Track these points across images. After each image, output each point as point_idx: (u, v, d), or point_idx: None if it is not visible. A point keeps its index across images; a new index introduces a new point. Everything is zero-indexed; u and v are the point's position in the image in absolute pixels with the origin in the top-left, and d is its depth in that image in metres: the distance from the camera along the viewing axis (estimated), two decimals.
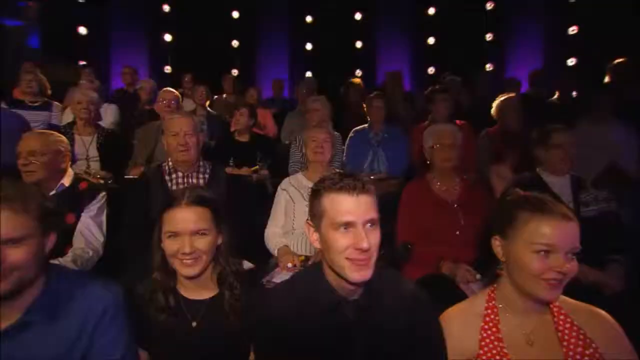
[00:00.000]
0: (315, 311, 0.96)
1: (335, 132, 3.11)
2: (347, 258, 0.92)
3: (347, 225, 0.93)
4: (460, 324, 1.00)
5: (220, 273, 1.16)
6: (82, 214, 1.72)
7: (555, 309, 0.98)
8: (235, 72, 6.23)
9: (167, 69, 6.22)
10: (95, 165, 2.73)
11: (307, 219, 1.01)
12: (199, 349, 1.08)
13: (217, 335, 1.09)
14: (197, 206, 1.11)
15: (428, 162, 2.01)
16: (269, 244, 1.97)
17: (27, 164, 1.62)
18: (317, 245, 0.98)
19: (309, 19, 6.33)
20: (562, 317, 0.97)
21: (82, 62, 5.59)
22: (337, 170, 2.14)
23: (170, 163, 1.95)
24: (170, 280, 1.13)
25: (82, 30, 5.76)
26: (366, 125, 3.14)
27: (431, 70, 6.17)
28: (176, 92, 2.99)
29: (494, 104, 2.91)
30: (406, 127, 3.26)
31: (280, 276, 1.68)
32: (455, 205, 1.87)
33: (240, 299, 1.12)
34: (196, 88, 4.19)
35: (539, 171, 1.96)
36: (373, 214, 0.94)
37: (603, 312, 0.98)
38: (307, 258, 1.79)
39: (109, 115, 3.75)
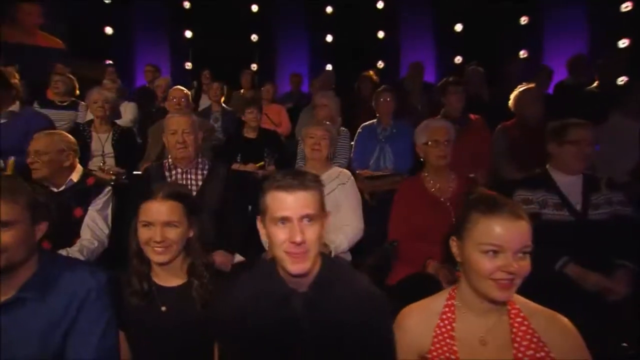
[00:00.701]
0: (267, 303, 1.08)
1: (343, 128, 3.21)
2: (285, 251, 1.03)
3: (284, 220, 1.04)
4: (418, 319, 1.07)
5: (191, 263, 1.31)
6: (89, 208, 1.94)
7: (513, 311, 1.02)
8: (254, 66, 6.45)
9: (188, 65, 6.53)
10: (110, 162, 2.99)
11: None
12: (166, 332, 1.24)
13: (184, 321, 1.24)
14: (171, 200, 1.27)
15: (422, 160, 2.06)
16: (262, 239, 2.11)
17: (33, 163, 1.87)
18: (265, 239, 1.09)
19: (329, 9, 6.40)
20: (519, 319, 1.01)
21: (108, 61, 6.01)
22: (336, 167, 2.26)
23: (170, 160, 2.14)
24: (145, 266, 1.29)
25: (109, 30, 6.17)
26: (375, 120, 3.21)
27: (458, 59, 6.05)
28: (186, 90, 3.20)
29: (512, 95, 2.87)
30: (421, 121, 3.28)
31: None
32: (449, 204, 1.91)
33: (208, 289, 1.27)
34: (210, 85, 4.41)
35: (548, 168, 1.94)
36: (310, 210, 1.04)
37: (564, 319, 1.01)
38: None
39: (128, 112, 4.06)
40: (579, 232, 1.75)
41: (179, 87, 3.28)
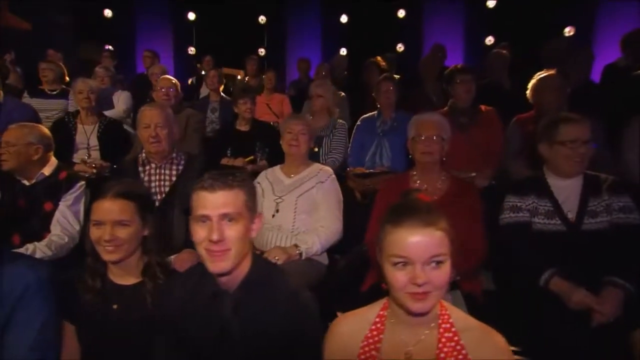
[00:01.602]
0: (199, 302, 1.18)
1: (340, 120, 3.28)
2: (205, 249, 1.14)
3: (204, 218, 1.14)
4: (349, 328, 1.13)
5: (146, 263, 1.44)
6: (60, 203, 2.13)
7: (444, 326, 1.07)
8: (262, 51, 6.60)
9: (191, 50, 6.76)
10: (95, 155, 3.21)
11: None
12: (116, 330, 1.37)
13: (134, 320, 1.37)
14: (121, 199, 1.40)
15: (410, 156, 2.11)
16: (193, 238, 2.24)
17: (2, 154, 2.08)
18: (192, 238, 1.21)
19: None
20: (448, 334, 1.06)
21: (108, 46, 6.33)
22: (317, 164, 2.34)
23: (144, 155, 2.29)
24: (100, 264, 1.43)
25: (108, 12, 6.49)
26: (375, 112, 3.26)
27: (490, 40, 5.95)
28: (174, 80, 3.37)
29: (530, 84, 2.86)
30: None
31: None
32: None
33: (161, 289, 1.39)
34: (207, 72, 4.58)
35: (544, 171, 1.93)
36: (230, 209, 1.14)
37: (498, 337, 1.05)
38: (261, 253, 2.03)
39: (121, 102, 4.28)
40: (570, 243, 1.75)
41: (167, 76, 3.45)
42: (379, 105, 3.22)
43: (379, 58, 4.34)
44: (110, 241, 1.37)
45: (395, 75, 5.13)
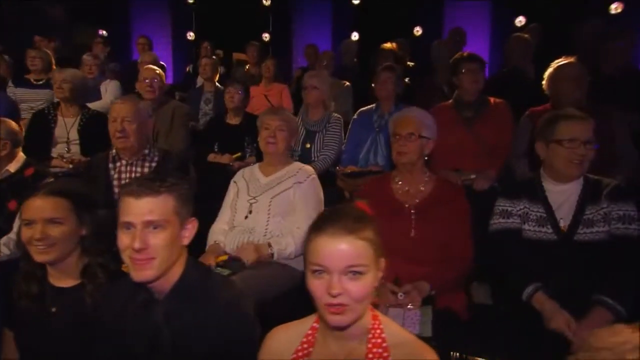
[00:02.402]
0: (133, 309, 1.26)
1: (335, 114, 3.33)
2: (128, 257, 1.20)
3: (128, 225, 1.21)
4: (281, 340, 1.18)
5: (86, 264, 1.52)
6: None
7: (374, 341, 1.10)
8: (266, 36, 6.68)
9: (190, 35, 6.90)
10: (75, 149, 3.35)
11: None
12: (54, 334, 1.45)
13: (73, 323, 1.44)
14: (54, 196, 1.46)
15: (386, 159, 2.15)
16: (208, 240, 2.33)
17: None
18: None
19: None
20: (377, 349, 1.09)
21: (102, 31, 6.54)
22: (297, 163, 2.40)
23: (114, 150, 2.40)
24: (36, 268, 1.50)
25: None
26: (374, 105, 3.29)
27: (520, 21, 5.83)
28: (159, 70, 3.48)
29: (546, 73, 2.80)
30: None
31: None
32: (413, 211, 1.97)
33: (101, 291, 1.47)
34: (200, 61, 4.69)
35: (541, 173, 1.93)
36: (155, 217, 1.20)
37: (430, 354, 1.08)
38: (231, 258, 2.10)
39: (109, 92, 4.45)
40: (560, 254, 1.74)
41: (151, 66, 3.56)
42: (377, 98, 3.25)
43: (392, 44, 4.33)
44: (42, 240, 1.43)
45: (409, 63, 5.22)
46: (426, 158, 2.06)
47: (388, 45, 4.37)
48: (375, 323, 1.13)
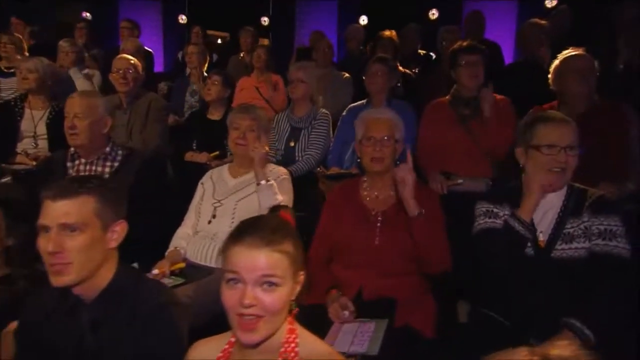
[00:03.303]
0: (59, 313, 1.38)
1: (323, 110, 3.44)
2: (46, 262, 1.32)
3: (45, 228, 1.33)
4: (202, 352, 1.28)
5: (5, 275, 1.66)
6: None
7: (284, 355, 1.19)
8: (265, 20, 6.81)
9: (182, 18, 7.08)
10: (43, 145, 3.53)
11: None
12: None
13: None
14: None
15: (359, 160, 2.24)
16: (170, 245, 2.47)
17: None
18: None
19: None
20: None
21: (85, 14, 6.75)
22: (268, 165, 2.51)
23: (72, 148, 2.56)
24: None
25: None
26: (364, 100, 3.39)
27: (550, 2, 5.82)
28: (134, 60, 3.63)
29: (552, 66, 2.85)
30: None
31: None
32: (380, 219, 2.07)
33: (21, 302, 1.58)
34: (185, 49, 4.84)
35: (523, 180, 1.95)
36: (71, 220, 1.31)
37: None
38: (189, 266, 2.23)
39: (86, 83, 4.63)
40: (536, 272, 1.80)
41: (125, 55, 3.71)
42: (369, 92, 3.35)
43: (389, 33, 4.42)
44: None
45: (421, 51, 5.29)
46: (397, 162, 2.14)
47: (387, 33, 4.43)
48: (290, 337, 1.23)
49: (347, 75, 4.60)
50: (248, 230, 1.19)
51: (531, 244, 1.84)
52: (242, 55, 5.92)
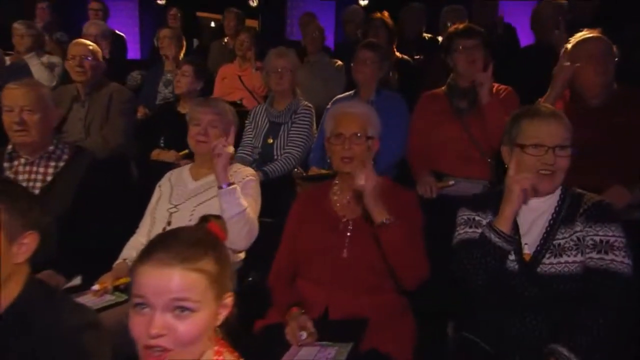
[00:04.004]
0: None
1: (304, 103, 3.40)
2: None
3: None
4: None
5: None
6: None
7: None
8: (253, 1, 6.79)
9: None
10: None
11: None
12: None
13: None
14: None
15: (328, 160, 2.21)
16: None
17: None
18: None
19: None
20: None
21: None
22: (235, 164, 2.47)
23: (10, 146, 2.53)
24: None
25: None
26: (351, 92, 3.36)
27: None
28: (92, 46, 3.60)
29: (561, 52, 2.82)
30: None
31: (84, 299, 2.13)
32: (350, 227, 2.04)
33: None
34: (159, 32, 4.82)
35: (506, 183, 1.89)
36: None
37: None
38: None
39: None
40: (519, 291, 1.75)
41: (82, 40, 3.69)
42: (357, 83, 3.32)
43: (384, 14, 4.37)
44: None
45: (426, 35, 5.23)
46: (373, 162, 2.10)
47: (378, 14, 4.37)
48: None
49: (339, 63, 4.58)
50: (160, 245, 1.15)
51: (515, 258, 1.79)
52: (226, 40, 5.91)
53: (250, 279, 2.36)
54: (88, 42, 3.64)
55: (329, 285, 1.98)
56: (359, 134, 2.07)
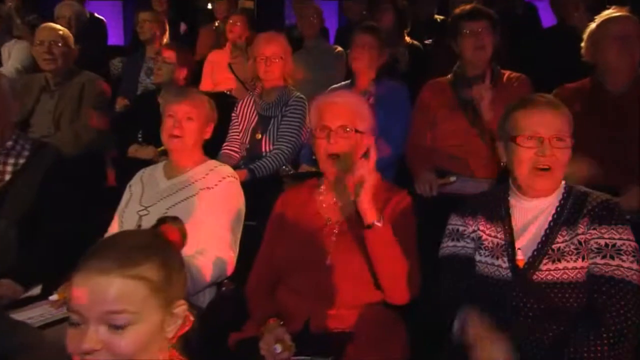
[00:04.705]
0: None
1: (297, 94, 3.41)
2: None
3: None
4: None
5: None
6: None
7: None
8: None
9: None
10: None
11: None
12: None
13: None
14: None
15: (314, 157, 2.21)
16: None
17: None
18: None
19: None
20: None
21: None
22: (211, 162, 2.48)
23: None
24: None
25: None
26: (348, 81, 3.40)
27: None
28: (62, 31, 3.63)
29: (586, 31, 2.83)
30: None
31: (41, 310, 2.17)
32: (336, 231, 2.04)
33: None
34: (138, 15, 4.82)
35: (510, 184, 1.94)
36: None
37: None
38: None
39: (13, 56, 4.64)
40: (512, 302, 1.74)
41: (51, 24, 3.71)
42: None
43: None
44: None
45: (438, 16, 5.22)
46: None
47: None
48: None
49: (339, 49, 4.58)
50: (96, 252, 1.14)
51: (508, 264, 1.79)
52: (217, 24, 5.91)
53: (223, 288, 2.36)
54: (58, 26, 3.67)
55: (310, 295, 1.99)
56: (347, 128, 2.06)
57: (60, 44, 3.57)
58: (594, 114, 2.69)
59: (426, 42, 4.77)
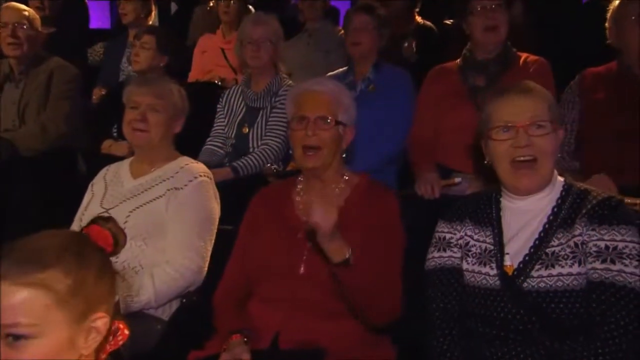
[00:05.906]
0: None
1: (288, 82, 3.46)
2: None
3: None
4: None
5: None
6: None
7: None
8: None
9: None
10: None
11: None
12: None
13: None
14: None
15: (291, 152, 2.26)
16: None
17: None
18: None
19: None
20: None
21: None
22: (182, 158, 2.53)
23: None
24: None
25: None
26: (345, 68, 3.44)
27: None
28: (28, 11, 3.68)
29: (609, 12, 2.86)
30: None
31: None
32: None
33: None
34: None
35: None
36: None
37: None
38: None
39: None
40: (500, 313, 1.76)
41: (13, 4, 3.72)
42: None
43: None
44: None
45: None
46: (344, 155, 2.14)
47: None
48: None
49: (341, 32, 4.60)
50: (2, 253, 1.16)
51: (497, 271, 1.81)
52: (211, 4, 5.96)
53: (184, 300, 2.41)
54: (23, 6, 3.71)
55: (282, 306, 2.03)
56: (328, 118, 2.10)
57: (25, 27, 3.60)
58: (620, 100, 2.72)
59: (446, 22, 4.76)
